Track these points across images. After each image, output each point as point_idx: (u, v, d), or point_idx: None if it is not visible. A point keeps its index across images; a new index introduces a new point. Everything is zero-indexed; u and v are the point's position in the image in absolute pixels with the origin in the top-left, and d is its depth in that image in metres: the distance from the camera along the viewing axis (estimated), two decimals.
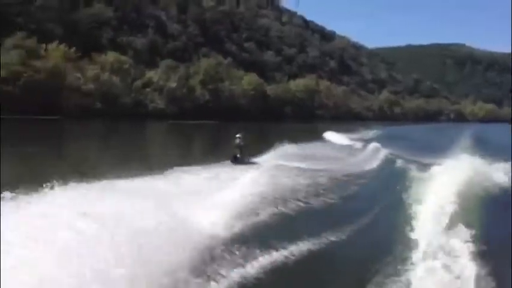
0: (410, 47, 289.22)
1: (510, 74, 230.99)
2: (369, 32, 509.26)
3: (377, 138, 41.23)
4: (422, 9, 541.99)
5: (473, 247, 7.88)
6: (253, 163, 19.85)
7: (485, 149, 22.79)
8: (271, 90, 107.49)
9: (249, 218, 10.20)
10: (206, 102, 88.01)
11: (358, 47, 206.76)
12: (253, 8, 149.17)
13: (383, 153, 25.34)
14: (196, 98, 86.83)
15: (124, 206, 8.14)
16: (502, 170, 15.36)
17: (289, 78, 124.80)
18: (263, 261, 7.77)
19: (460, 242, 8.20)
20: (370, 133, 51.23)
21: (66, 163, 21.39)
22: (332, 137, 41.54)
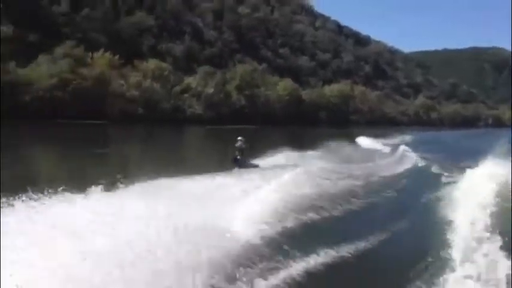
0: (447, 51, 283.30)
1: None
2: (404, 36, 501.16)
3: (411, 143, 40.20)
4: (459, 12, 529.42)
5: (510, 254, 7.67)
6: (254, 165, 20.06)
7: None
8: (306, 95, 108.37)
9: (280, 223, 9.96)
10: (242, 107, 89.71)
11: (393, 52, 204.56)
12: (288, 14, 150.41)
13: (416, 157, 25.18)
14: (232, 104, 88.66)
15: (160, 208, 8.38)
16: None
17: (324, 83, 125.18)
18: (297, 267, 7.67)
19: (496, 249, 8.05)
20: (405, 138, 50.24)
21: (113, 164, 22.99)
22: (365, 141, 40.97)
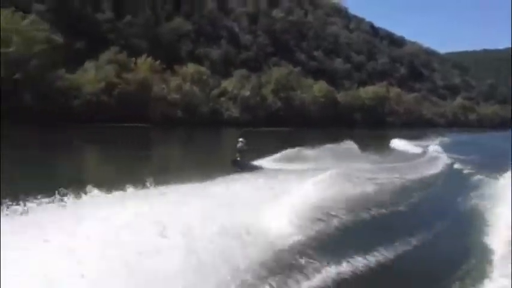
0: (486, 52, 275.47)
1: None
2: (441, 37, 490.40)
3: (447, 145, 40.42)
4: (497, 12, 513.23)
5: None
6: (254, 166, 20.22)
7: None
8: (341, 97, 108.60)
9: (314, 225, 9.98)
10: (278, 109, 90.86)
11: (429, 53, 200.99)
12: (321, 17, 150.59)
13: (452, 160, 25.32)
14: (268, 106, 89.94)
15: (201, 209, 8.79)
16: None
17: (359, 85, 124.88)
18: (331, 271, 7.62)
19: None
20: (441, 140, 49.72)
21: (157, 166, 24.37)
22: (399, 143, 40.61)
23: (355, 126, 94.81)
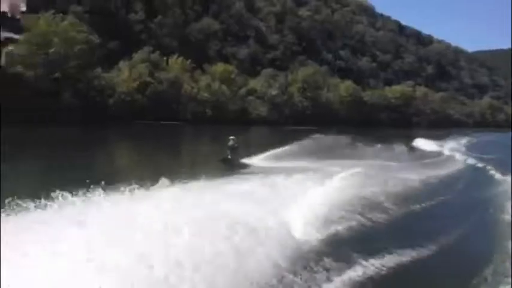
0: None
1: None
2: (469, 35, 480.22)
3: (472, 146, 40.13)
4: None
5: None
6: (244, 165, 20.21)
7: None
8: (367, 96, 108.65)
9: (334, 225, 9.97)
10: (305, 108, 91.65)
11: (457, 51, 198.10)
12: (348, 16, 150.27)
13: (475, 160, 25.25)
14: (295, 105, 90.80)
15: (222, 208, 8.76)
16: None
17: (385, 84, 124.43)
18: (350, 274, 7.60)
19: None
20: (467, 140, 48.64)
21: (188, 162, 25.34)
22: (422, 143, 40.36)
23: (381, 126, 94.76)
